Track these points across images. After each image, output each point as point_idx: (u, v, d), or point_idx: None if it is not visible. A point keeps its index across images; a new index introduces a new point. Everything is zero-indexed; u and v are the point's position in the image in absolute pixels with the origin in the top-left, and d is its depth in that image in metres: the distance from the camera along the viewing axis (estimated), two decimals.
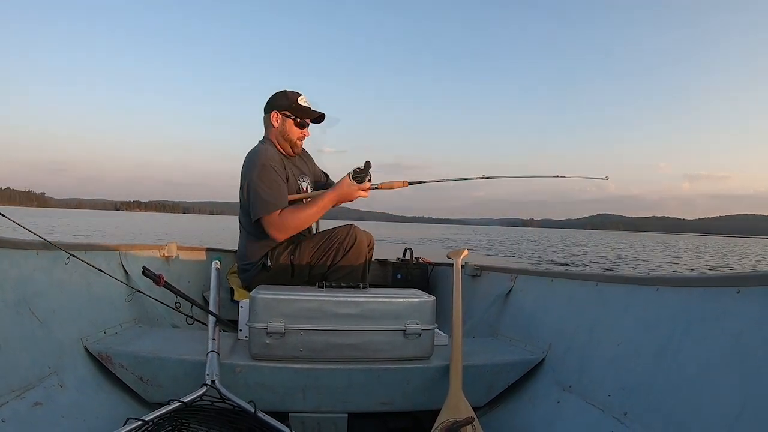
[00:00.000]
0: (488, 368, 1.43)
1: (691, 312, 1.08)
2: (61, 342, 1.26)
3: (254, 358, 1.30)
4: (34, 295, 1.24)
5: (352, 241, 1.86)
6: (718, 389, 0.92)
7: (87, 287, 1.48)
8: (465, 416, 1.16)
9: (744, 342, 0.92)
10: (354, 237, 1.87)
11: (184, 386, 1.19)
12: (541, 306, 1.69)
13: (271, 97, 1.95)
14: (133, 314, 1.66)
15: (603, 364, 1.27)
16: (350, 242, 1.86)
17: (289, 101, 1.92)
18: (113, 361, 1.30)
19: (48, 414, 1.06)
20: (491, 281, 2.10)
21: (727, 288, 1.01)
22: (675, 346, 1.07)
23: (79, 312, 1.40)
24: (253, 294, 1.31)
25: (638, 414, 1.07)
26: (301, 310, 1.30)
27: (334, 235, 1.87)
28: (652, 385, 1.08)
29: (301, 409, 1.30)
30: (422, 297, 1.39)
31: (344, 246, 1.85)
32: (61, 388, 1.16)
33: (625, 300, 1.32)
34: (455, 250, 1.94)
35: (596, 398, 1.21)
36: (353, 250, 1.86)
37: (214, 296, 1.66)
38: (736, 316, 0.97)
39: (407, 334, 1.34)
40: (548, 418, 1.30)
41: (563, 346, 1.46)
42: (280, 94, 1.94)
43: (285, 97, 1.93)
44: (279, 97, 1.94)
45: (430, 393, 1.35)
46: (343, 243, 1.86)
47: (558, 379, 1.39)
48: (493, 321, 1.89)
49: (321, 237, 1.89)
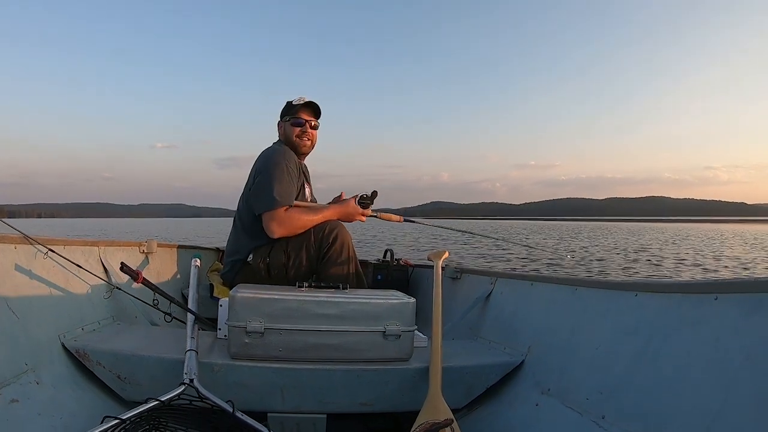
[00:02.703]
0: (468, 370, 1.45)
1: (670, 318, 1.10)
2: (39, 338, 1.24)
3: (233, 357, 1.30)
4: (12, 290, 1.22)
5: (338, 238, 1.87)
6: (696, 394, 0.94)
7: (65, 283, 1.45)
8: (444, 418, 1.17)
9: (721, 348, 0.94)
10: (339, 234, 1.88)
11: (162, 385, 1.17)
12: (521, 309, 1.71)
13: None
14: (111, 311, 1.64)
15: (582, 367, 1.29)
16: (336, 239, 1.86)
17: (286, 107, 2.03)
18: (91, 358, 1.29)
19: (24, 411, 1.05)
20: (471, 283, 2.12)
21: (705, 295, 1.04)
22: (653, 351, 1.10)
23: (57, 308, 1.38)
24: (232, 293, 1.31)
25: (616, 417, 1.09)
26: (280, 309, 1.30)
27: (321, 233, 1.88)
28: (629, 388, 1.10)
29: (280, 410, 1.30)
30: (402, 298, 1.40)
31: (329, 242, 1.86)
32: (37, 385, 1.14)
33: (605, 304, 1.34)
34: (435, 252, 1.95)
35: (575, 401, 1.23)
36: (337, 246, 1.86)
37: (193, 294, 1.64)
38: (713, 323, 0.99)
39: (387, 335, 1.35)
40: (527, 421, 1.32)
41: (542, 349, 1.48)
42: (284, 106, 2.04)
43: (285, 107, 2.03)
44: (283, 109, 2.05)
45: (409, 394, 1.36)
46: (328, 239, 1.86)
47: (537, 381, 1.41)
48: (473, 323, 1.90)
49: (308, 235, 1.89)
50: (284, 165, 1.84)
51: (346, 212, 1.94)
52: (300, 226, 1.83)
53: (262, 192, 1.79)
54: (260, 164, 1.88)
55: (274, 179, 1.79)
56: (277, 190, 1.78)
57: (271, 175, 1.80)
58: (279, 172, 1.81)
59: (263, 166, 1.86)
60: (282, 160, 1.85)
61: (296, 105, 2.00)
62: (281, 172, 1.82)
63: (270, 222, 1.78)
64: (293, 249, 1.85)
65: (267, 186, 1.79)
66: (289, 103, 2.02)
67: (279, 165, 1.83)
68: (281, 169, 1.82)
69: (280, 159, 1.85)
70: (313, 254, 1.86)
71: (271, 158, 1.87)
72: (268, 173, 1.81)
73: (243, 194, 1.95)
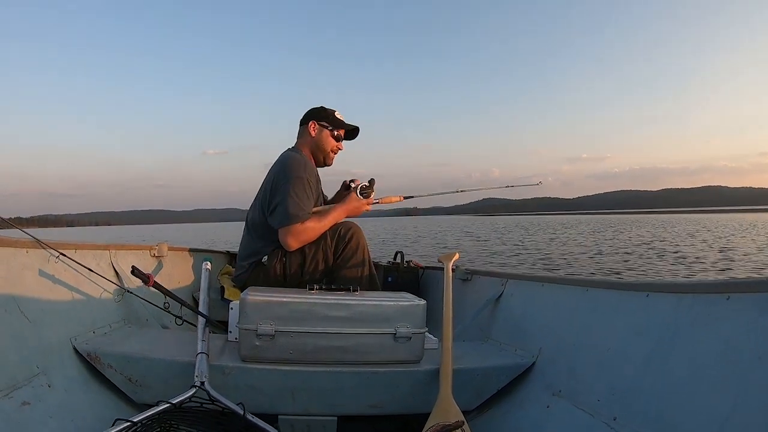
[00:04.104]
0: (478, 372, 1.44)
1: (681, 318, 1.09)
2: (50, 341, 1.25)
3: (244, 359, 1.30)
4: (23, 294, 1.23)
5: (354, 239, 1.88)
6: (708, 395, 0.93)
7: (76, 287, 1.46)
8: (454, 420, 1.17)
9: (733, 348, 0.93)
10: (355, 235, 1.89)
11: (173, 387, 1.18)
12: (532, 310, 1.70)
13: (310, 110, 2.03)
14: (122, 314, 1.65)
15: (593, 368, 1.28)
16: (351, 239, 1.88)
17: (327, 114, 2.00)
18: (102, 361, 1.29)
19: (36, 414, 1.05)
20: (482, 285, 2.11)
21: (717, 295, 1.02)
22: (665, 352, 1.08)
23: (69, 311, 1.39)
24: (243, 296, 1.31)
25: (628, 419, 1.07)
26: (291, 312, 1.30)
27: (337, 234, 1.88)
28: (641, 390, 1.09)
29: (291, 412, 1.30)
30: (413, 300, 1.40)
31: (346, 243, 1.87)
32: (49, 388, 1.15)
33: (616, 305, 1.33)
34: (446, 254, 1.94)
35: (586, 403, 1.22)
36: (353, 246, 1.87)
37: (204, 297, 1.65)
38: (725, 323, 0.97)
39: (397, 337, 1.34)
40: (538, 423, 1.30)
41: (553, 351, 1.47)
42: (319, 107, 2.02)
43: (323, 110, 2.01)
44: (318, 110, 2.01)
45: (419, 396, 1.35)
46: (344, 240, 1.87)
47: (548, 383, 1.40)
48: (484, 325, 1.89)
49: (324, 236, 1.89)
50: (306, 179, 1.82)
51: (353, 207, 1.95)
52: (314, 236, 1.84)
53: (283, 208, 1.78)
54: (280, 174, 1.85)
55: (294, 194, 1.78)
56: (297, 206, 1.77)
57: (291, 190, 1.79)
58: (300, 186, 1.80)
59: (284, 177, 1.83)
60: (303, 174, 1.83)
61: (340, 120, 1.99)
62: (302, 187, 1.80)
63: (287, 237, 1.79)
64: (310, 250, 1.86)
65: (285, 201, 1.78)
66: (330, 112, 1.99)
67: (301, 179, 1.81)
68: (302, 184, 1.81)
69: (302, 172, 1.83)
70: (329, 255, 1.86)
71: (292, 170, 1.83)
72: (287, 186, 1.79)
73: (257, 198, 1.94)
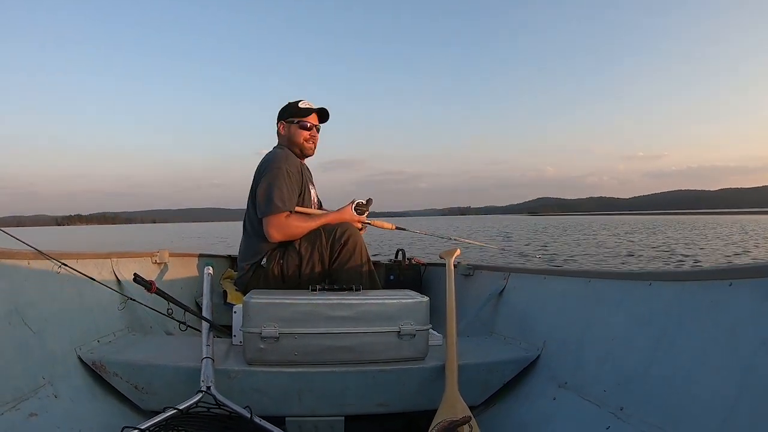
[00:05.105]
0: (484, 367, 1.44)
1: (684, 306, 1.09)
2: (55, 352, 1.25)
3: (249, 363, 1.30)
4: (27, 305, 1.23)
5: (350, 239, 1.88)
6: (713, 381, 0.93)
7: (79, 296, 1.46)
8: (461, 416, 1.17)
9: (737, 334, 0.93)
10: (351, 235, 1.89)
11: (179, 393, 1.18)
12: (535, 304, 1.70)
13: (279, 111, 2.07)
14: (126, 322, 1.65)
15: (598, 359, 1.28)
16: (348, 240, 1.88)
17: (290, 108, 2.04)
18: (107, 369, 1.30)
19: (43, 425, 1.05)
20: (484, 280, 2.11)
21: (719, 281, 1.02)
22: (669, 340, 1.08)
23: (72, 321, 1.39)
24: (246, 299, 1.31)
25: (634, 408, 1.08)
26: (294, 313, 1.30)
27: (332, 235, 1.89)
28: (647, 379, 1.09)
29: (298, 413, 1.30)
30: (416, 298, 1.40)
31: (342, 244, 1.87)
32: (55, 398, 1.15)
33: (618, 295, 1.33)
34: (447, 250, 1.94)
35: (592, 394, 1.22)
36: (350, 247, 1.87)
37: (207, 302, 1.65)
38: (729, 309, 0.98)
39: (402, 335, 1.35)
40: (545, 415, 1.31)
41: (558, 343, 1.47)
42: (284, 106, 2.06)
43: (287, 106, 2.05)
44: (283, 108, 2.06)
45: (426, 393, 1.35)
46: (340, 241, 1.87)
47: (553, 375, 1.40)
48: (488, 320, 1.89)
49: (319, 237, 1.90)
50: (285, 170, 1.87)
51: (343, 219, 1.97)
52: (298, 232, 1.87)
53: (266, 198, 1.82)
54: (262, 169, 1.91)
55: (275, 185, 1.82)
56: (278, 196, 1.81)
57: (273, 181, 1.83)
58: (280, 177, 1.85)
59: (265, 171, 1.88)
60: (283, 165, 1.88)
61: (304, 108, 2.02)
62: (282, 178, 1.85)
63: (269, 227, 1.83)
64: (306, 251, 1.86)
65: (268, 191, 1.82)
66: (293, 105, 2.03)
67: (281, 170, 1.86)
68: (282, 175, 1.85)
69: (282, 164, 1.88)
70: (325, 256, 1.87)
71: (272, 163, 1.89)
72: (269, 178, 1.84)
73: (249, 199, 1.96)
